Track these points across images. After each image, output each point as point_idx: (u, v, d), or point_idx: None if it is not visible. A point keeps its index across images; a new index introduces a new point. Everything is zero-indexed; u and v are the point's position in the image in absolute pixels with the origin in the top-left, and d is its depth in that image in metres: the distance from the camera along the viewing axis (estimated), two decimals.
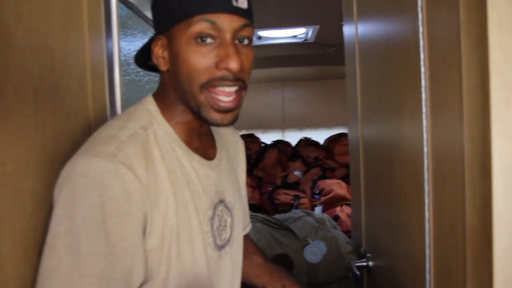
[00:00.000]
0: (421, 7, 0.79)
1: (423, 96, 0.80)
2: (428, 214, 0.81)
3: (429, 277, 0.83)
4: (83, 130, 0.84)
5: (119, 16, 1.09)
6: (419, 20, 0.79)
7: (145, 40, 1.41)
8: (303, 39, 2.88)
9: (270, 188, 2.97)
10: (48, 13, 0.74)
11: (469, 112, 0.62)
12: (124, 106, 1.07)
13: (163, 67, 0.74)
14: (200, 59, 0.68)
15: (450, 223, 0.71)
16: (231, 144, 0.98)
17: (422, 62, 0.79)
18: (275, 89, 4.42)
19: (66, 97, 0.79)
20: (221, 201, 0.82)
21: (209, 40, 0.68)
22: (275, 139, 4.16)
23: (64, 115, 0.78)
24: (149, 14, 1.51)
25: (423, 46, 0.79)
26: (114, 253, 0.62)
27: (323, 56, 3.49)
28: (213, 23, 0.67)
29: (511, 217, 0.55)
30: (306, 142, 3.88)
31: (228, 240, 0.83)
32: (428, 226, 0.81)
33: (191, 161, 0.76)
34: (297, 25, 2.57)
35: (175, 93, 0.75)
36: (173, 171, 0.72)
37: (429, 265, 0.82)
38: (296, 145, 3.93)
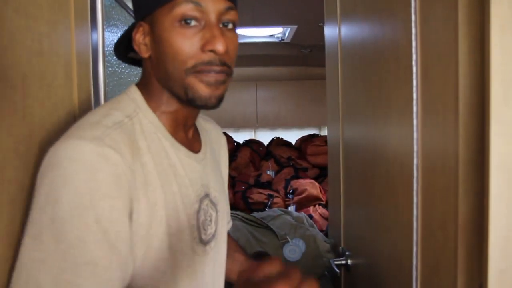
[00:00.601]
0: (415, 8, 0.80)
1: (414, 95, 0.81)
2: (416, 212, 0.82)
3: (415, 273, 0.84)
4: (68, 120, 0.80)
5: (104, 6, 1.05)
6: (412, 21, 0.81)
7: (123, 30, 1.38)
8: (279, 39, 2.89)
9: (243, 187, 2.96)
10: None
11: (465, 111, 0.63)
12: (107, 97, 1.04)
13: (145, 54, 0.72)
14: (185, 42, 0.66)
15: (440, 221, 0.73)
16: (214, 140, 0.96)
17: (414, 62, 0.81)
18: (248, 88, 4.42)
19: (53, 85, 0.75)
20: (207, 195, 0.80)
21: (193, 23, 0.67)
22: (247, 138, 4.16)
23: (51, 103, 0.74)
24: (131, 4, 1.47)
25: (416, 46, 0.81)
26: (106, 240, 0.59)
27: (298, 57, 3.52)
28: (197, 4, 0.66)
29: (507, 214, 0.57)
30: (278, 142, 3.90)
31: (213, 236, 0.82)
32: (416, 224, 0.83)
33: (177, 153, 0.74)
34: (275, 25, 2.58)
35: (159, 80, 0.73)
36: (160, 162, 0.70)
37: (416, 262, 0.84)
38: (268, 144, 3.95)
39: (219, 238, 0.85)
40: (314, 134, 3.86)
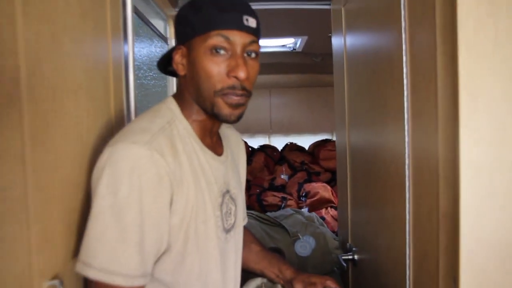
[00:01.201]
0: (404, 28, 0.92)
1: (405, 104, 0.93)
2: (408, 206, 0.94)
3: (408, 261, 0.95)
4: (107, 126, 0.94)
5: (133, 25, 1.20)
6: (402, 39, 0.93)
7: (151, 46, 1.52)
8: (291, 48, 3.01)
9: (258, 190, 3.08)
10: (85, 23, 0.85)
11: (443, 118, 0.75)
12: (137, 107, 1.18)
13: (182, 72, 0.87)
14: (214, 67, 0.81)
15: (427, 212, 0.84)
16: (234, 145, 1.10)
17: (404, 75, 0.93)
18: (262, 96, 4.56)
19: (96, 97, 0.89)
20: (228, 191, 0.94)
21: (222, 52, 0.81)
22: (262, 143, 4.29)
23: (94, 112, 0.88)
24: (155, 22, 1.62)
25: (406, 61, 0.92)
26: (150, 225, 0.74)
27: (309, 65, 3.64)
28: (226, 38, 0.80)
29: (474, 204, 0.68)
30: (292, 147, 4.02)
31: (233, 226, 0.95)
32: (408, 217, 0.94)
33: (204, 155, 0.88)
34: (287, 35, 2.71)
35: (190, 95, 0.87)
36: (192, 162, 0.84)
37: (409, 250, 0.95)
38: (282, 149, 4.06)
39: (237, 229, 0.98)
40: (326, 139, 3.96)
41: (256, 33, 0.85)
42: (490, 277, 0.69)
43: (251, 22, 0.83)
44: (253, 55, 0.85)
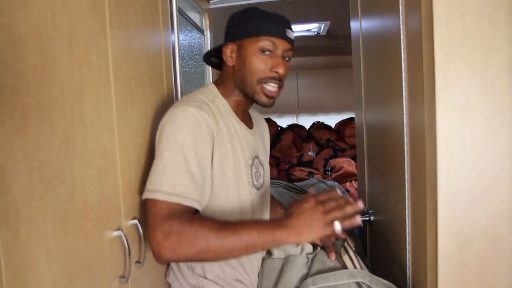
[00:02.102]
0: (402, 13, 1.11)
1: (404, 83, 1.13)
2: (407, 166, 1.14)
3: (408, 212, 1.16)
4: (163, 107, 1.20)
5: (178, 18, 1.43)
6: (400, 26, 1.12)
7: (191, 38, 1.76)
8: (316, 33, 3.18)
9: (287, 166, 3.32)
10: (146, 25, 1.09)
11: (427, 94, 0.95)
12: (182, 91, 1.43)
13: (230, 63, 1.11)
14: (261, 63, 1.07)
15: (418, 172, 1.04)
16: (259, 123, 1.34)
17: (402, 59, 1.12)
18: (290, 77, 4.76)
19: (155, 84, 1.15)
20: (257, 157, 1.18)
21: (267, 52, 1.07)
22: (290, 123, 4.51)
23: (155, 96, 1.14)
24: (192, 15, 1.85)
25: (403, 47, 1.12)
26: (200, 163, 0.98)
27: (334, 47, 3.80)
28: (273, 43, 1.07)
29: (448, 162, 0.89)
30: (318, 126, 4.22)
31: (262, 185, 1.19)
32: (407, 176, 1.15)
33: (239, 126, 1.13)
34: (311, 21, 2.89)
35: (235, 82, 1.12)
36: (228, 130, 1.09)
37: (408, 202, 1.16)
38: (309, 128, 4.26)
39: (266, 188, 1.22)
40: (351, 118, 4.13)
41: (292, 43, 1.12)
42: (461, 215, 0.90)
43: (290, 34, 1.10)
44: (287, 58, 1.12)
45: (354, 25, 1.90)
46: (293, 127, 4.21)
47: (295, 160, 3.53)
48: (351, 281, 1.07)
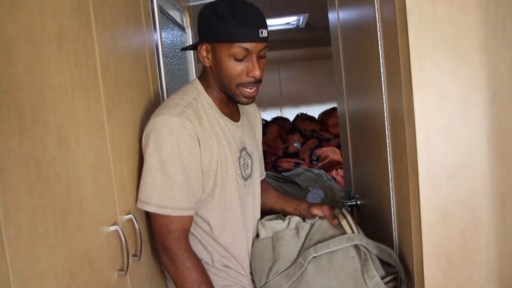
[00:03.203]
0: (377, 9, 1.15)
1: (382, 71, 1.17)
2: (389, 157, 1.18)
3: (392, 193, 1.21)
4: (149, 104, 1.22)
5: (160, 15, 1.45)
6: (376, 15, 1.16)
7: (173, 35, 1.78)
8: (295, 25, 3.22)
9: (273, 158, 3.36)
10: (128, 23, 1.11)
11: (404, 80, 0.99)
12: (168, 88, 1.45)
13: (207, 64, 1.12)
14: (236, 69, 1.07)
15: (399, 156, 1.09)
16: (251, 113, 1.37)
17: (379, 46, 1.16)
18: (272, 71, 4.81)
19: (141, 82, 1.17)
20: (244, 148, 1.21)
21: (241, 58, 1.06)
22: (274, 115, 4.55)
23: (141, 94, 1.16)
24: (172, 13, 1.87)
25: (379, 35, 1.16)
26: (187, 172, 1.02)
27: (313, 39, 3.84)
28: (246, 49, 1.05)
29: (427, 142, 0.94)
30: (302, 117, 4.27)
31: (250, 175, 1.23)
32: (389, 158, 1.19)
33: (224, 121, 1.15)
34: (289, 14, 2.92)
35: (214, 82, 1.14)
36: (214, 127, 1.11)
37: (391, 184, 1.21)
38: (293, 120, 4.32)
39: (254, 178, 1.26)
40: (334, 108, 4.19)
41: (267, 40, 1.09)
42: (442, 191, 0.95)
43: (264, 33, 1.07)
44: (262, 55, 1.10)
45: (332, 16, 1.93)
46: (277, 120, 4.25)
47: (281, 152, 3.57)
48: (350, 244, 1.12)
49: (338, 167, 3.09)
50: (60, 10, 0.75)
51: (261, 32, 1.05)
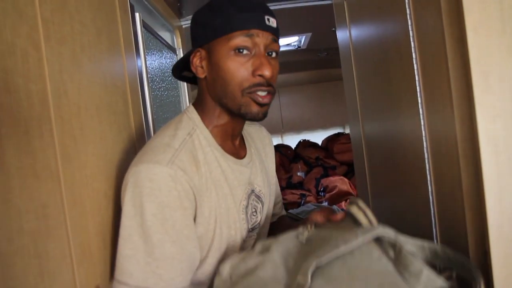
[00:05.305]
0: (410, 14, 0.93)
1: (418, 89, 0.94)
2: (431, 188, 0.95)
3: (437, 241, 0.96)
4: (130, 138, 0.97)
5: (144, 39, 1.23)
6: (409, 25, 0.94)
7: (162, 57, 1.56)
8: (296, 47, 3.03)
9: None
10: (100, 42, 0.88)
11: (457, 98, 0.76)
12: (154, 118, 1.21)
13: (201, 75, 0.87)
14: (239, 67, 0.82)
15: (449, 192, 0.85)
16: (258, 140, 1.11)
17: (414, 61, 0.94)
18: None
19: (117, 112, 0.92)
20: (252, 191, 0.96)
21: (245, 52, 0.82)
22: (275, 143, 4.31)
23: (117, 126, 0.91)
24: (162, 34, 1.65)
25: (414, 47, 0.94)
26: (180, 240, 0.76)
27: (315, 61, 3.65)
28: (250, 36, 0.81)
29: (497, 179, 0.69)
30: (305, 144, 4.03)
31: (259, 223, 0.97)
32: (431, 198, 0.95)
33: (227, 161, 0.90)
34: (291, 34, 2.73)
35: (212, 98, 0.88)
36: (213, 171, 0.86)
37: (435, 230, 0.96)
38: (296, 147, 4.07)
39: (263, 223, 1.00)
40: (339, 133, 3.97)
41: (276, 33, 0.86)
42: None
43: (272, 22, 0.84)
44: (273, 54, 0.86)
45: (342, 34, 1.73)
46: (279, 148, 4.01)
47: (284, 182, 3.32)
48: (369, 236, 0.70)
49: (348, 198, 2.83)
50: None
51: (268, 20, 0.82)
